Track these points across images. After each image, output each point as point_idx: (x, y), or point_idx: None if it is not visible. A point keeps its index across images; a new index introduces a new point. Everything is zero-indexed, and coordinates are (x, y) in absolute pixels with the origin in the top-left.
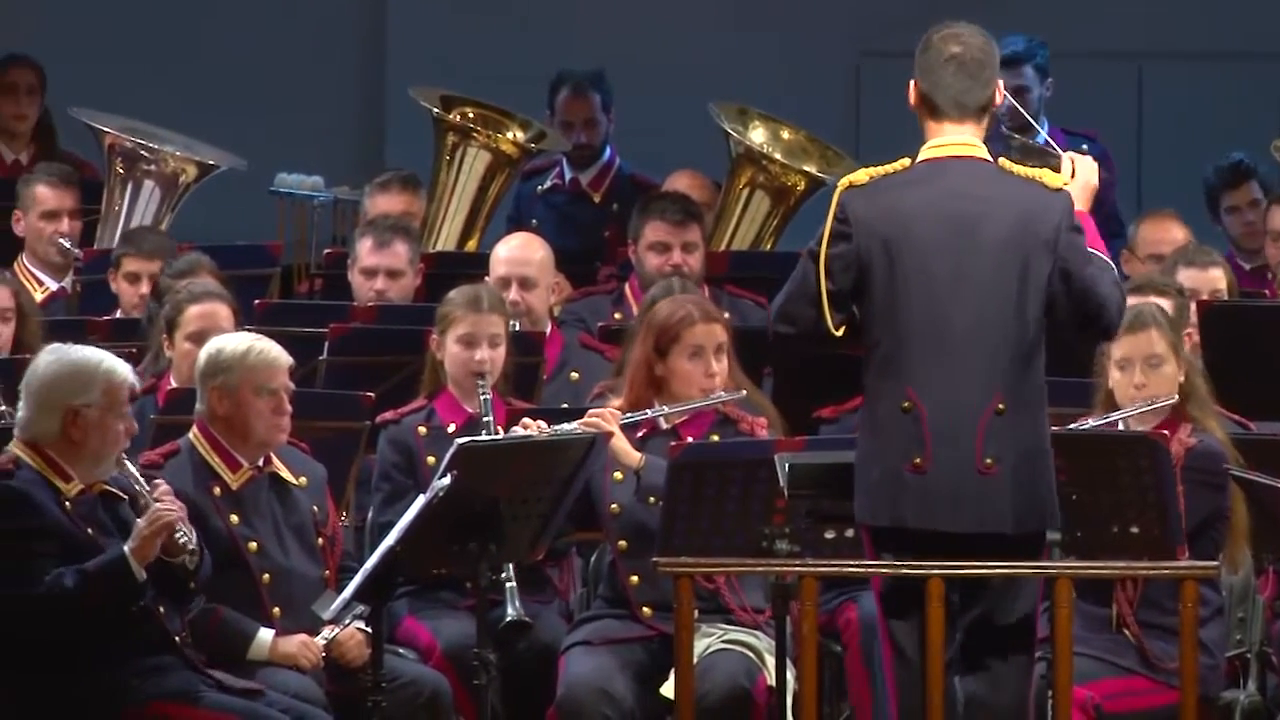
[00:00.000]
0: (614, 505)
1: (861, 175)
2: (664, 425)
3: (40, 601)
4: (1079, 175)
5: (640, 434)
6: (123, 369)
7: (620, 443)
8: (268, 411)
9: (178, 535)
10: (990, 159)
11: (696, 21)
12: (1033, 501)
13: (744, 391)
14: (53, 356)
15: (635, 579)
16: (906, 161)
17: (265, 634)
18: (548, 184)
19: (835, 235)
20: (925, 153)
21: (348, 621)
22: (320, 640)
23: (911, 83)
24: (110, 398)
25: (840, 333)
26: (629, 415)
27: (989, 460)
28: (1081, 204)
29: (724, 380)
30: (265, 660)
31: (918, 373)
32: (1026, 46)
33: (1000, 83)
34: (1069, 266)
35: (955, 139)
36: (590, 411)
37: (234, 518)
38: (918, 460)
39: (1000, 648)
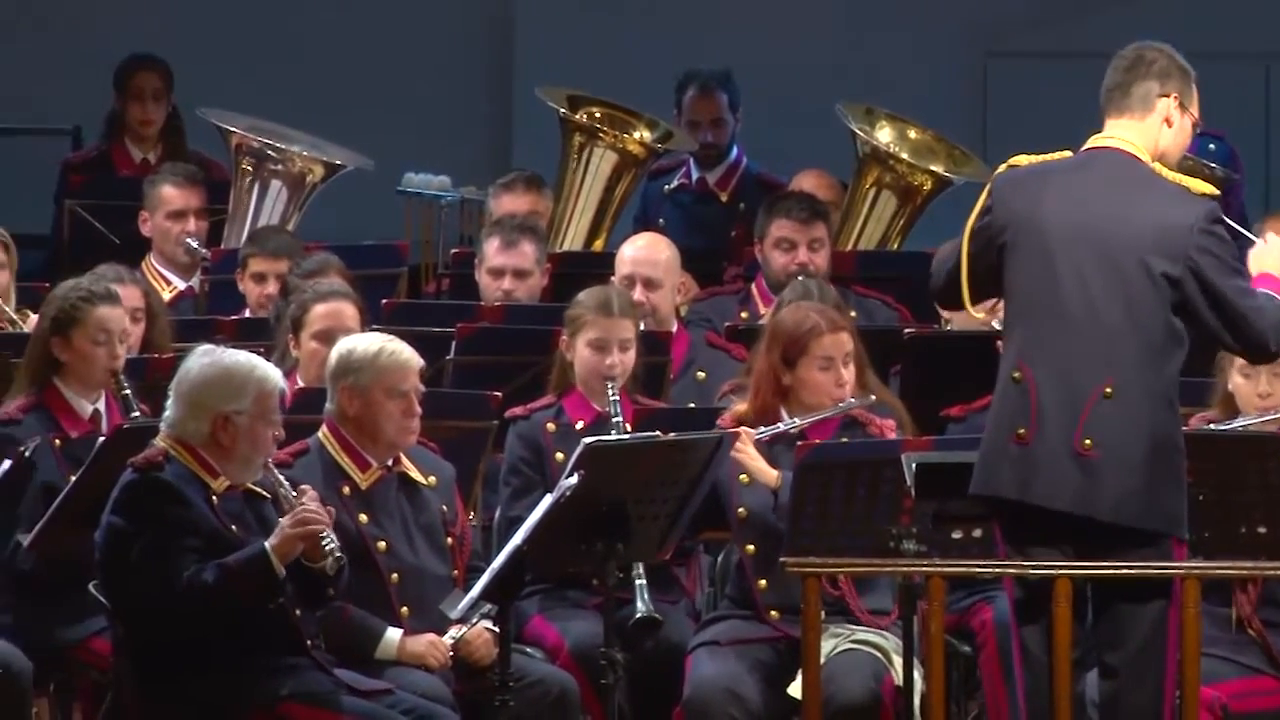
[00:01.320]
0: (741, 510)
1: (1022, 159)
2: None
3: (180, 594)
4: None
5: (766, 438)
6: (274, 375)
7: (757, 463)
8: (398, 413)
9: (323, 541)
10: (1140, 157)
11: (823, 21)
12: (1142, 496)
13: (873, 397)
14: (206, 359)
15: (763, 583)
16: (1068, 153)
17: (393, 633)
18: (674, 183)
19: (981, 210)
20: (1086, 144)
21: (475, 620)
22: (448, 639)
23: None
24: (261, 405)
25: (969, 303)
26: (762, 431)
27: (1088, 442)
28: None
29: (853, 387)
30: (393, 660)
31: (1032, 346)
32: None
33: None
34: (1202, 272)
35: (1112, 132)
36: (726, 431)
37: (363, 517)
38: (1022, 431)
39: (1135, 644)
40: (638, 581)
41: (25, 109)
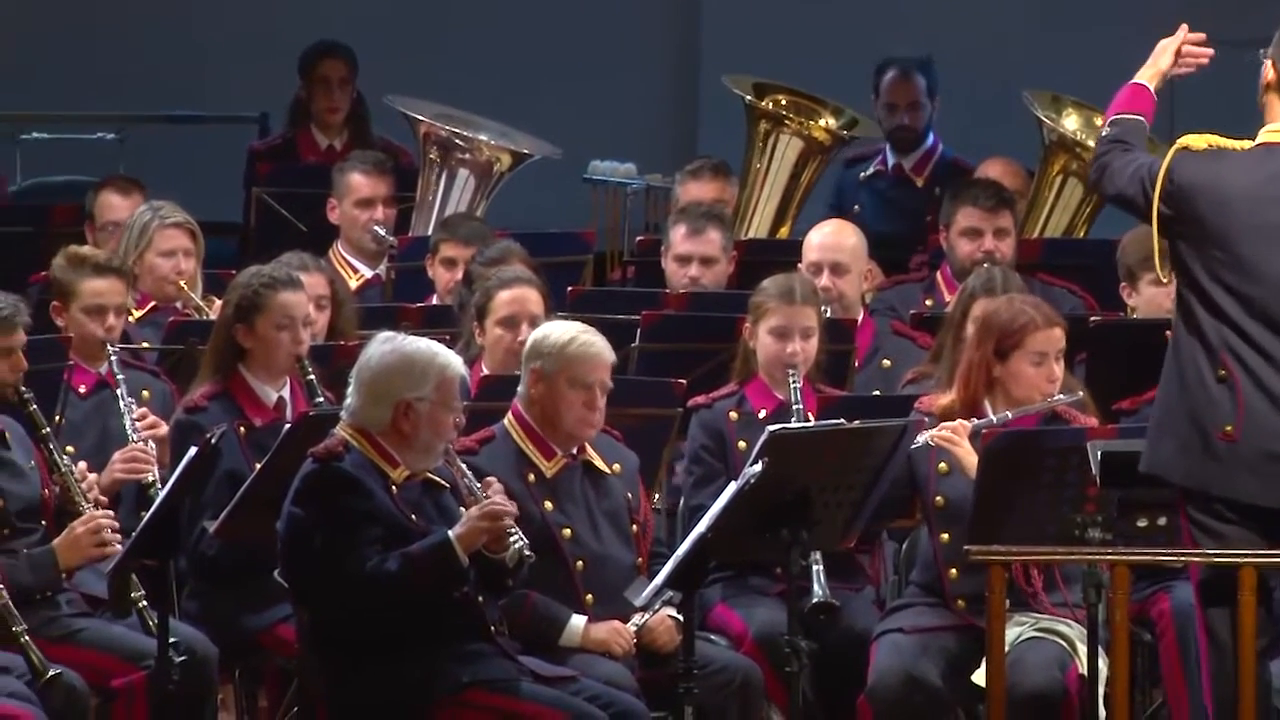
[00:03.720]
0: (939, 498)
1: (1200, 141)
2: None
3: (364, 584)
4: None
5: (975, 426)
6: (455, 362)
7: (970, 458)
8: (578, 404)
9: (509, 534)
10: None
11: (1011, 7)
12: None
13: (1080, 394)
14: (387, 347)
15: (954, 572)
16: (1248, 143)
17: (577, 620)
18: (871, 170)
19: (1162, 193)
20: (1262, 136)
21: (658, 607)
22: (631, 626)
23: (1268, 62)
24: (443, 392)
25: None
26: (977, 423)
27: None
28: None
29: (1061, 383)
30: (577, 647)
31: (1232, 344)
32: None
33: None
34: None
35: None
36: (943, 426)
37: (548, 504)
38: (1228, 428)
39: None
40: (815, 567)
41: (212, 97)
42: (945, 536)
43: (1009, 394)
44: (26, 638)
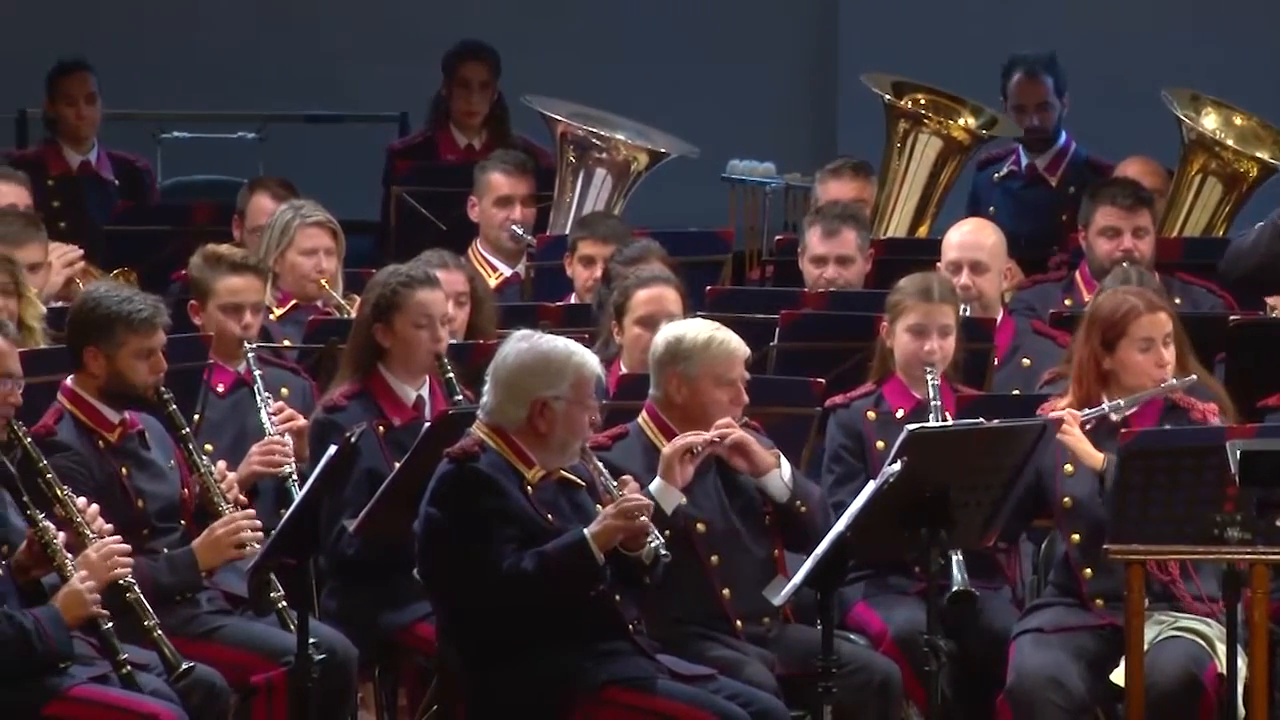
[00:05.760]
0: (1066, 499)
1: None
2: (1114, 418)
3: (501, 583)
4: None
5: (1089, 426)
6: (592, 361)
7: (1083, 445)
8: (725, 401)
9: (646, 532)
10: None
11: (1149, 6)
12: None
13: (1194, 377)
14: (524, 345)
15: (1088, 571)
16: None
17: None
18: (1004, 170)
19: None
20: None
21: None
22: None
23: None
24: (579, 390)
25: None
26: (1087, 412)
27: None
28: None
29: (1173, 368)
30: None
31: None
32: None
33: None
34: None
35: None
36: (1051, 415)
37: (683, 499)
38: None
39: None
40: (954, 557)
41: (352, 96)
42: (1075, 537)
43: (1122, 385)
44: (159, 632)
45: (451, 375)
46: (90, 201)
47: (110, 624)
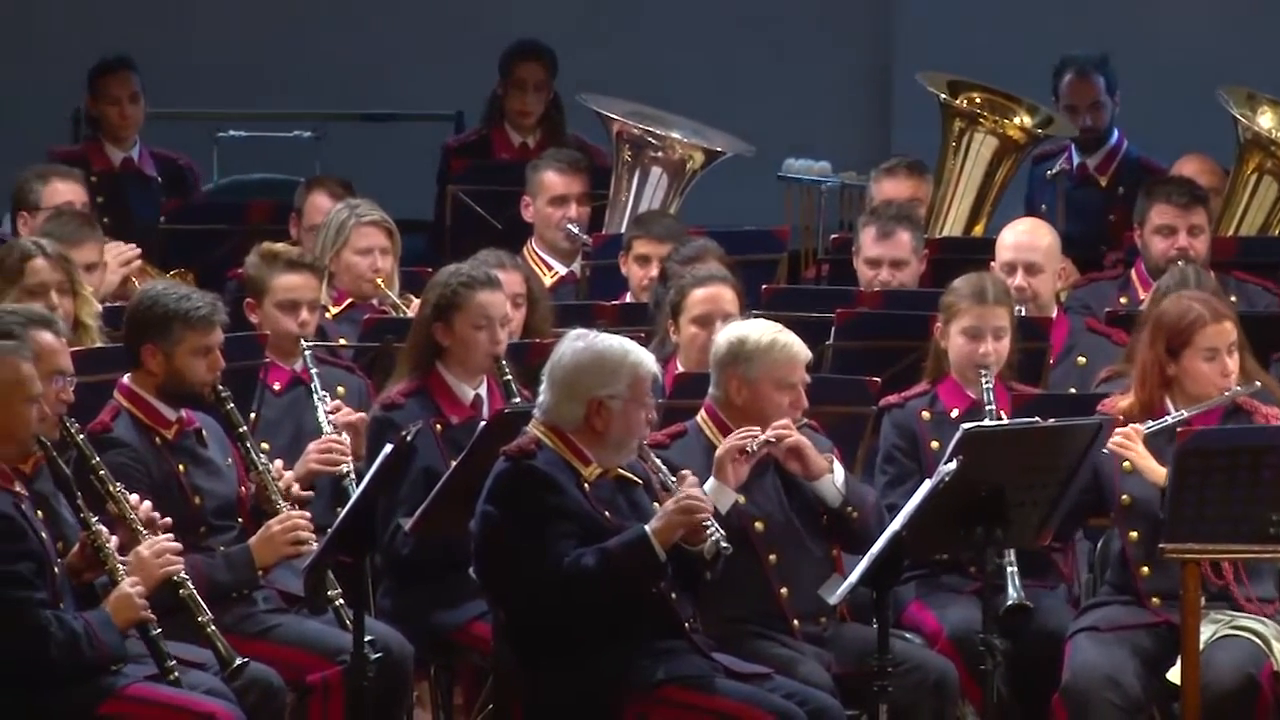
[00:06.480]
0: (1125, 496)
1: None
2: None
3: (562, 580)
4: None
5: (1149, 428)
6: (648, 359)
7: (1147, 460)
8: (785, 405)
9: (705, 526)
10: None
11: (1205, 5)
12: None
13: (1259, 384)
14: (580, 344)
15: (1145, 570)
16: None
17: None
18: (1056, 168)
19: None
20: None
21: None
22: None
23: None
24: (635, 389)
25: None
26: (1150, 425)
27: None
28: None
29: (1237, 376)
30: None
31: None
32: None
33: None
34: None
35: None
36: (1115, 430)
37: (740, 498)
38: None
39: None
40: (1009, 569)
41: (408, 95)
42: (1133, 535)
43: (1186, 392)
44: (212, 627)
45: (510, 378)
46: (134, 199)
47: (159, 629)
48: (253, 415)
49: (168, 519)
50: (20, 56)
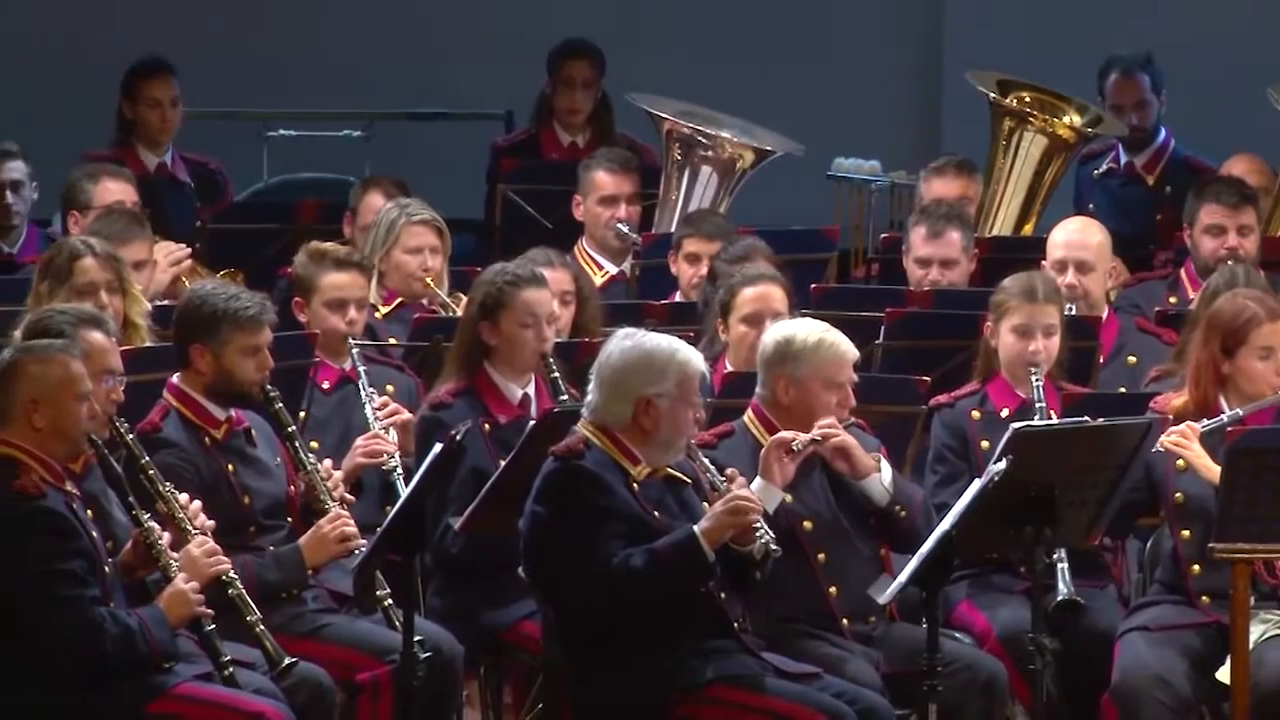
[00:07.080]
0: (1178, 495)
1: None
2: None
3: (611, 580)
4: None
5: (1205, 426)
6: (696, 358)
7: (1203, 459)
8: (833, 404)
9: (755, 526)
10: None
11: (1254, 4)
12: None
13: None
14: (628, 343)
15: (1197, 568)
16: None
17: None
18: (1104, 168)
19: None
20: None
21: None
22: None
23: None
24: (683, 388)
25: None
26: (1206, 424)
27: None
28: None
29: None
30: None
31: None
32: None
33: None
34: None
35: None
36: (1170, 430)
37: (788, 498)
38: None
39: None
40: (1059, 565)
41: (457, 94)
42: (1186, 533)
43: (1240, 390)
44: (261, 627)
45: (557, 375)
46: (168, 203)
47: (213, 625)
48: (302, 414)
49: (211, 522)
50: (67, 57)
